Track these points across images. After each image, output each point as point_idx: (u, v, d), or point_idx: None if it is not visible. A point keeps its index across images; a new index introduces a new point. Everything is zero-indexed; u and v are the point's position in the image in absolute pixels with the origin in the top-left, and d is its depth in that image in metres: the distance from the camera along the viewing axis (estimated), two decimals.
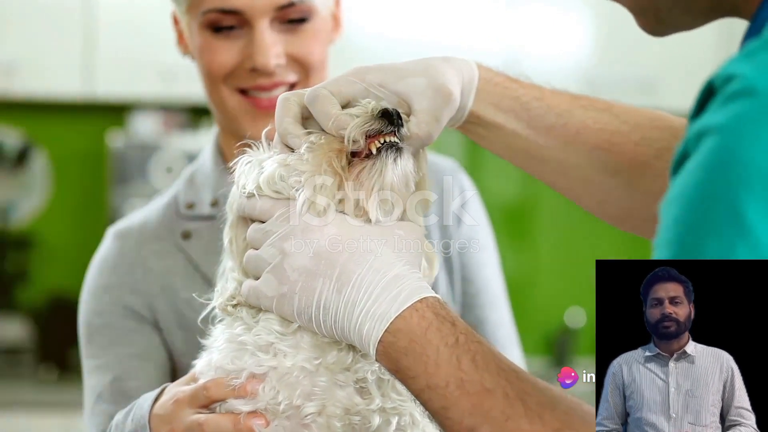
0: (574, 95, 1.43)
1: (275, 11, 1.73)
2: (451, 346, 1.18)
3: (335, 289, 1.24)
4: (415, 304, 1.21)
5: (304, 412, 1.31)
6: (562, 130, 1.41)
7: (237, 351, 1.34)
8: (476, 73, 1.39)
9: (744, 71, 0.92)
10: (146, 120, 4.60)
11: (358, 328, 1.22)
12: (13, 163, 4.76)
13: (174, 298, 1.76)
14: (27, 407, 4.11)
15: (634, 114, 1.42)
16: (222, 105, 1.79)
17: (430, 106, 1.33)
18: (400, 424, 1.33)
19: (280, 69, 1.75)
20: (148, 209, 1.88)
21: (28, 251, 4.69)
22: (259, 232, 1.31)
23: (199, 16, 1.76)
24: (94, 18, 4.42)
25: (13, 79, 4.42)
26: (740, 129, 0.89)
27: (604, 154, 1.41)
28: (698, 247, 0.90)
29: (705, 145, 0.91)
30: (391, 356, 1.21)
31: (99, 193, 4.75)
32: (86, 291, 1.82)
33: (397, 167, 1.30)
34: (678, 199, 0.93)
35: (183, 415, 1.39)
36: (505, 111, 1.40)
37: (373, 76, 1.34)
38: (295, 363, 1.31)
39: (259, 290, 1.30)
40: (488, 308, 1.88)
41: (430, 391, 1.18)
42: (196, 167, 1.89)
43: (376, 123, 1.29)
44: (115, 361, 1.74)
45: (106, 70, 4.45)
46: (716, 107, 0.92)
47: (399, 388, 1.33)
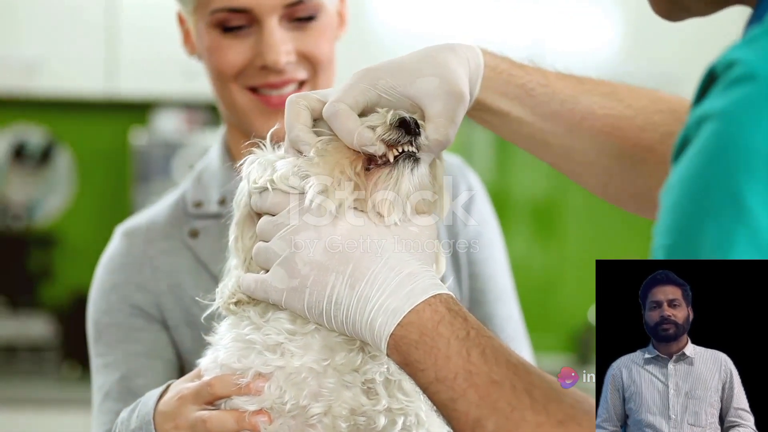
0: (579, 78, 1.43)
1: (284, 9, 1.74)
2: (462, 339, 1.19)
3: (348, 284, 1.24)
4: (429, 299, 1.21)
5: (310, 413, 1.31)
6: (567, 116, 1.41)
7: (244, 350, 1.34)
8: (482, 61, 1.39)
9: (745, 57, 0.91)
10: (169, 118, 4.61)
11: (370, 323, 1.23)
12: (37, 161, 4.79)
13: (181, 296, 1.77)
14: (51, 404, 4.14)
15: (637, 97, 1.42)
16: (232, 104, 1.80)
17: (445, 109, 1.33)
18: (405, 425, 1.33)
19: (290, 66, 1.75)
20: (155, 208, 1.89)
21: (51, 249, 4.71)
22: (270, 224, 1.31)
23: (207, 16, 1.76)
24: (117, 16, 4.44)
25: (37, 78, 4.44)
26: (741, 114, 0.89)
27: (608, 139, 1.41)
28: (697, 232, 0.90)
29: (705, 131, 0.91)
30: (402, 349, 1.21)
31: (122, 190, 4.77)
32: (95, 290, 1.83)
33: (414, 177, 1.31)
34: (678, 184, 0.92)
35: (187, 412, 1.39)
36: (510, 98, 1.40)
37: (384, 81, 1.34)
38: (304, 363, 1.31)
39: (267, 283, 1.30)
40: (496, 303, 1.88)
41: (438, 383, 1.18)
42: (203, 166, 1.89)
43: (394, 133, 1.30)
44: (123, 360, 1.75)
45: (129, 69, 4.46)
46: (717, 93, 0.92)
47: (406, 388, 1.33)
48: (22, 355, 4.48)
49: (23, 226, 4.73)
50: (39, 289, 4.67)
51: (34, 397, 4.19)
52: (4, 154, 4.78)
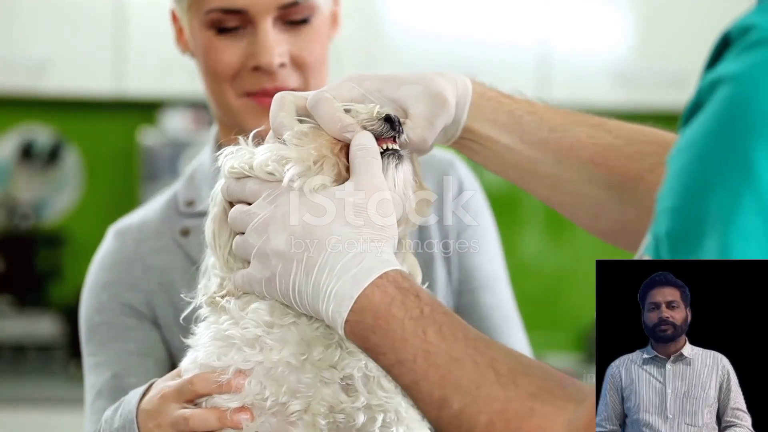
0: (567, 111, 1.43)
1: (278, 10, 1.74)
2: (416, 318, 1.17)
3: (305, 272, 1.24)
4: (376, 280, 1.20)
5: (289, 410, 1.31)
6: (556, 145, 1.41)
7: (223, 347, 1.35)
8: (470, 87, 1.40)
9: (762, 22, 0.91)
10: (177, 117, 4.62)
11: (325, 311, 1.22)
12: (45, 160, 4.80)
13: (173, 295, 1.77)
14: (59, 403, 4.14)
15: (627, 129, 1.42)
16: (226, 104, 1.80)
17: (426, 111, 1.35)
18: (385, 421, 1.33)
19: (282, 69, 1.76)
20: (147, 207, 1.90)
21: (59, 248, 4.72)
22: (242, 213, 1.31)
23: (201, 15, 1.76)
24: (125, 16, 4.45)
25: (45, 77, 4.45)
26: (756, 78, 0.88)
27: (597, 168, 1.40)
28: (704, 195, 0.90)
29: (719, 95, 0.90)
30: (359, 334, 1.20)
31: (130, 190, 4.78)
32: (86, 289, 1.84)
33: (398, 174, 1.31)
34: (687, 148, 0.92)
35: (169, 410, 1.40)
36: (498, 125, 1.40)
37: (371, 84, 1.36)
38: (281, 357, 1.31)
39: (251, 275, 1.31)
40: (480, 292, 1.86)
41: (399, 366, 1.17)
42: (196, 165, 1.90)
43: (378, 125, 1.30)
44: (114, 358, 1.76)
45: (137, 68, 4.47)
46: (732, 58, 0.91)
47: (385, 384, 1.33)
48: (30, 354, 4.49)
49: (31, 226, 4.74)
50: (47, 288, 4.68)
51: (42, 396, 4.19)
52: (12, 153, 4.79)
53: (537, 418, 1.07)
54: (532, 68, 4.47)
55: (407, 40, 4.47)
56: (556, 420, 1.06)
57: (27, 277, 4.65)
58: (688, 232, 0.93)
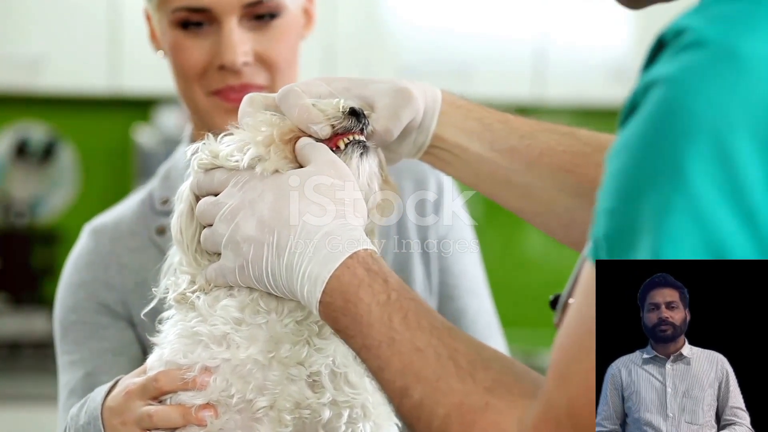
0: (537, 121, 1.45)
1: (243, 8, 1.74)
2: (382, 304, 1.18)
3: (276, 254, 1.25)
4: (347, 261, 1.21)
5: (256, 407, 1.32)
6: (526, 152, 1.41)
7: (190, 345, 1.35)
8: (439, 96, 1.42)
9: (695, 24, 0.92)
10: (172, 115, 4.62)
11: (300, 291, 1.23)
12: (40, 158, 4.79)
13: (148, 294, 1.77)
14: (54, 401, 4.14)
15: (596, 137, 1.43)
16: (194, 103, 1.81)
17: (390, 104, 1.37)
18: (351, 417, 1.34)
19: (247, 68, 1.76)
20: (123, 206, 1.90)
21: (55, 246, 4.72)
22: (210, 204, 1.32)
23: (168, 14, 1.77)
24: (120, 13, 4.45)
25: (40, 75, 4.45)
26: (688, 80, 0.90)
27: (567, 176, 1.41)
28: (638, 198, 0.91)
29: (652, 96, 0.92)
30: (331, 316, 1.21)
31: (125, 187, 4.78)
32: (61, 288, 1.84)
33: (363, 164, 1.32)
34: (622, 149, 0.94)
35: (133, 407, 1.40)
36: (468, 132, 1.42)
37: (340, 83, 1.39)
38: (249, 355, 1.32)
39: (223, 266, 1.31)
40: (468, 297, 1.87)
41: (366, 351, 1.18)
42: (171, 164, 1.90)
43: (344, 120, 1.32)
44: (89, 357, 1.76)
45: (132, 65, 4.46)
46: (666, 59, 0.92)
47: (352, 380, 1.34)
48: (26, 352, 4.49)
49: (26, 223, 4.74)
50: (42, 286, 4.68)
51: (37, 393, 4.19)
52: (7, 151, 4.79)
53: (491, 413, 1.08)
54: (528, 64, 4.47)
55: (404, 36, 4.46)
56: (509, 415, 1.06)
57: (22, 274, 4.65)
58: (623, 233, 0.94)
